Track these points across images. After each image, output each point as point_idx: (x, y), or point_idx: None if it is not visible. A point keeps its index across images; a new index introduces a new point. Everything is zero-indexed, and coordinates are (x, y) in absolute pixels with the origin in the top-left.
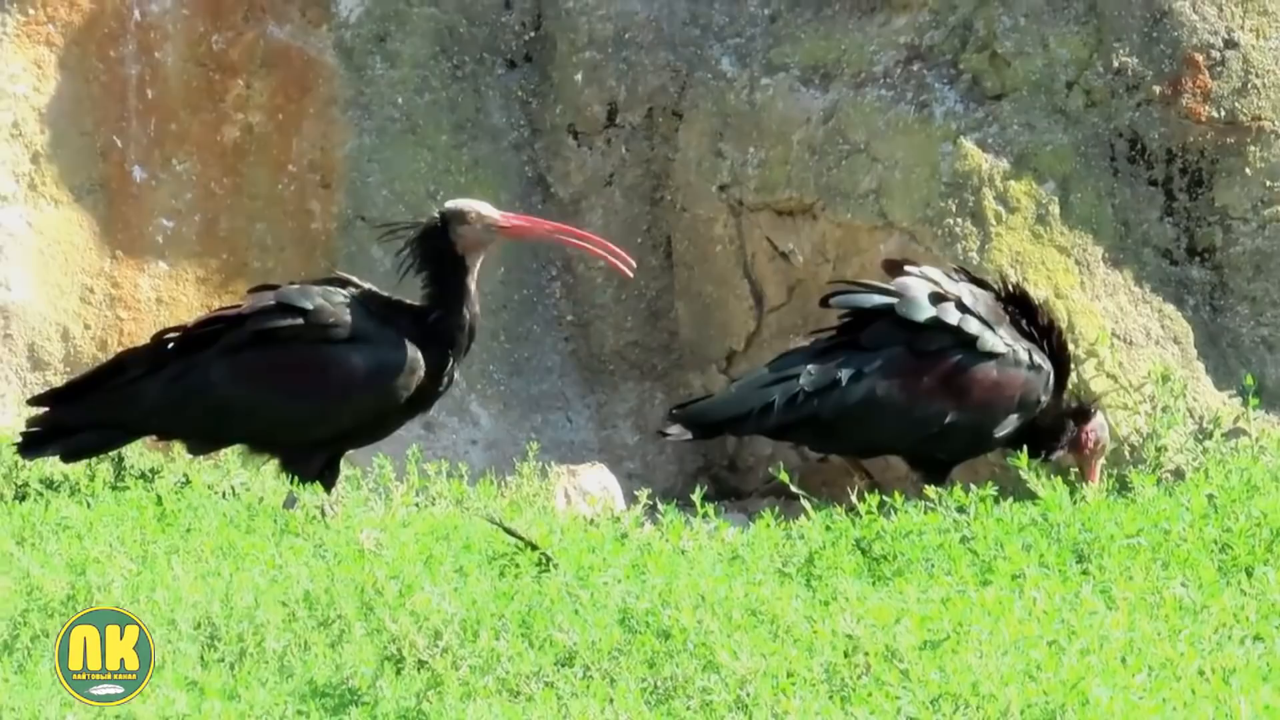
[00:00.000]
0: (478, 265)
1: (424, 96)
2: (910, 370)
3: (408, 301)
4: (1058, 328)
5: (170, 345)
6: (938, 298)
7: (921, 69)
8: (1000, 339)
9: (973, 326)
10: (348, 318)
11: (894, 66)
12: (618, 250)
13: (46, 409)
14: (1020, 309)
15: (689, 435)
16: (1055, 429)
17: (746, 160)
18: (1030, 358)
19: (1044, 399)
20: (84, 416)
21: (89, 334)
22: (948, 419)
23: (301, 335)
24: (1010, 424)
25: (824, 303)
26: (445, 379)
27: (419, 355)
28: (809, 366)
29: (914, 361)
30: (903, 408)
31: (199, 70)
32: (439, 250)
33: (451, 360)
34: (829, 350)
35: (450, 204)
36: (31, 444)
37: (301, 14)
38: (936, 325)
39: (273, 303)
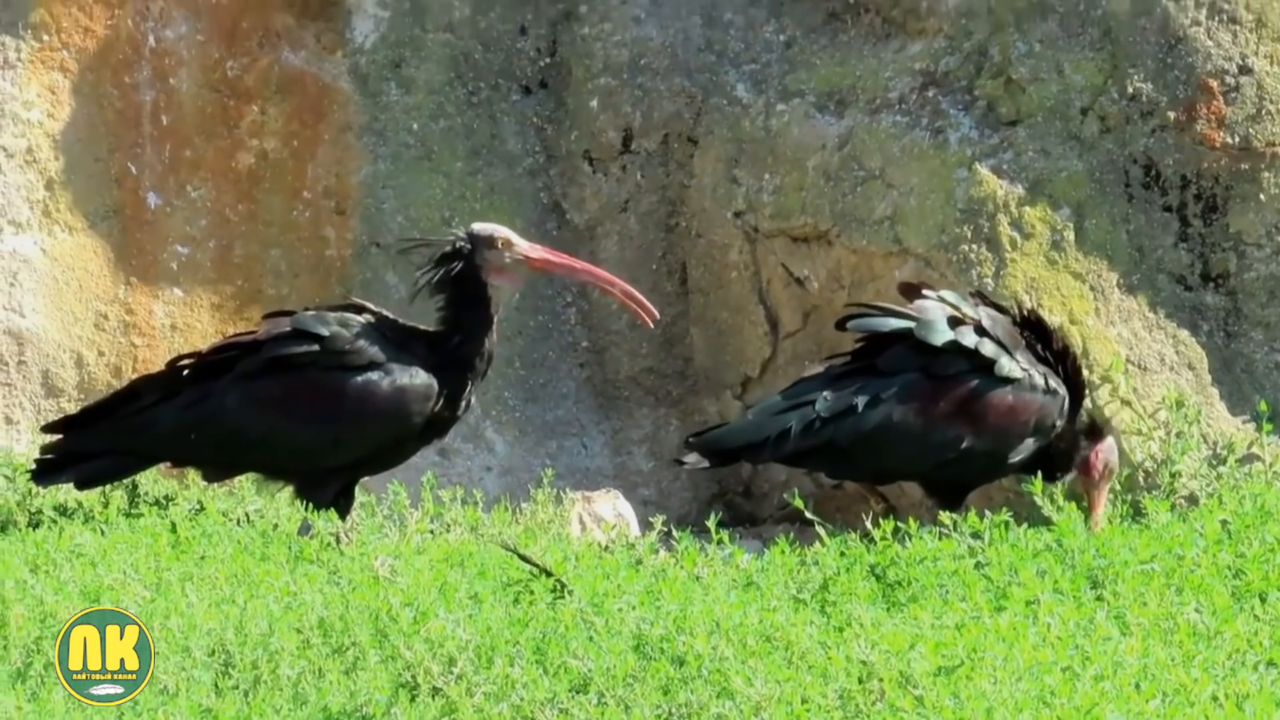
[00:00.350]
0: (501, 295)
1: (439, 122)
2: (926, 396)
3: (424, 327)
4: (1073, 352)
5: (185, 371)
6: (955, 321)
7: (936, 95)
8: (1017, 363)
9: (990, 350)
10: (363, 344)
11: (909, 92)
12: (642, 299)
13: (60, 435)
14: (1035, 333)
15: (705, 464)
16: (1070, 451)
17: (762, 186)
18: (1046, 382)
19: (1059, 424)
20: (98, 443)
21: (103, 361)
22: (964, 444)
23: (317, 362)
24: (1026, 449)
25: (840, 326)
26: (463, 404)
27: (434, 382)
28: (825, 393)
29: (930, 387)
30: (919, 433)
31: (214, 96)
32: (462, 273)
33: (470, 386)
34: (845, 376)
35: (479, 226)
36: (46, 471)
37: (316, 40)
38: (954, 349)
39: (288, 329)
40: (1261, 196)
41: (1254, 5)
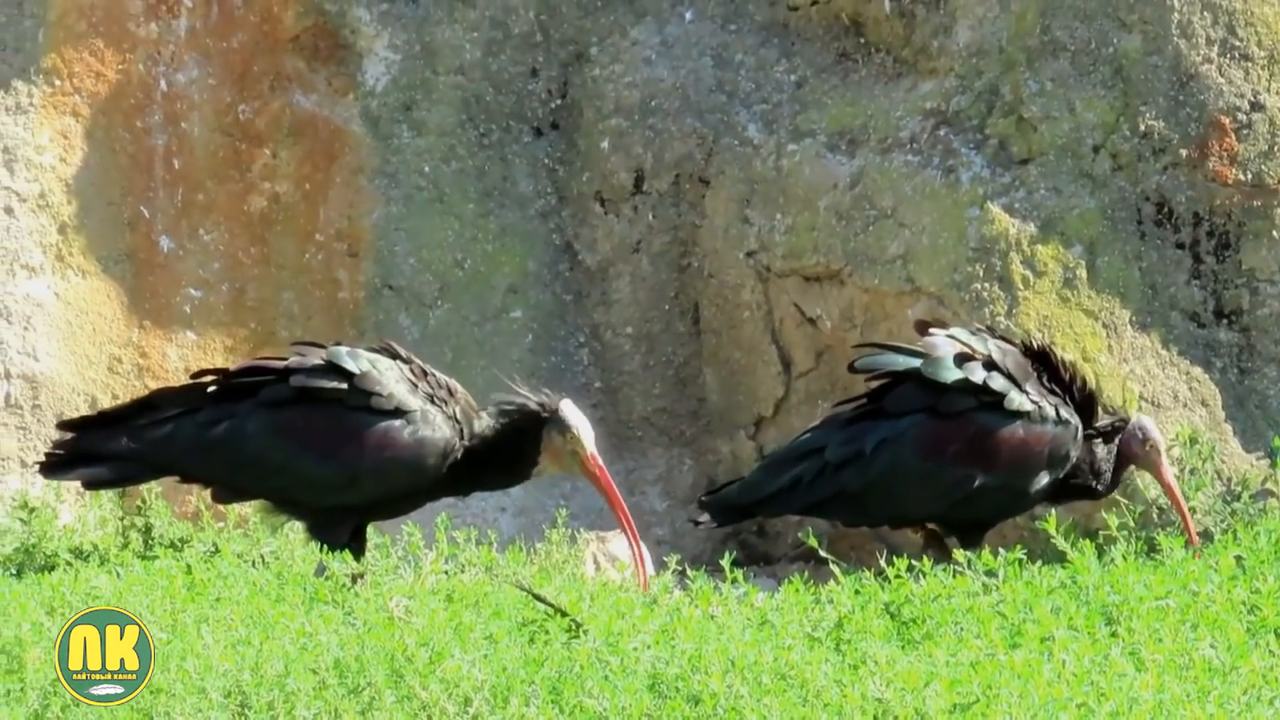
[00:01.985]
0: (543, 467)
1: (451, 165)
2: (935, 436)
3: (464, 393)
4: (1081, 378)
5: (210, 389)
6: (964, 358)
7: (948, 134)
8: (1027, 396)
9: (999, 384)
10: (393, 389)
11: (920, 132)
12: (646, 562)
13: (73, 435)
14: (1043, 364)
15: (715, 524)
16: (1096, 471)
17: (773, 226)
18: (1057, 413)
19: (1073, 453)
20: (112, 447)
21: (116, 404)
22: (976, 482)
23: (344, 399)
24: (1043, 481)
25: (853, 369)
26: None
27: (456, 439)
28: (833, 440)
29: (938, 426)
30: (930, 475)
31: (225, 140)
32: (524, 430)
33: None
34: (853, 420)
35: (565, 409)
36: (55, 466)
37: (328, 83)
38: (962, 386)
39: (320, 362)
40: (1274, 233)
41: (1265, 42)
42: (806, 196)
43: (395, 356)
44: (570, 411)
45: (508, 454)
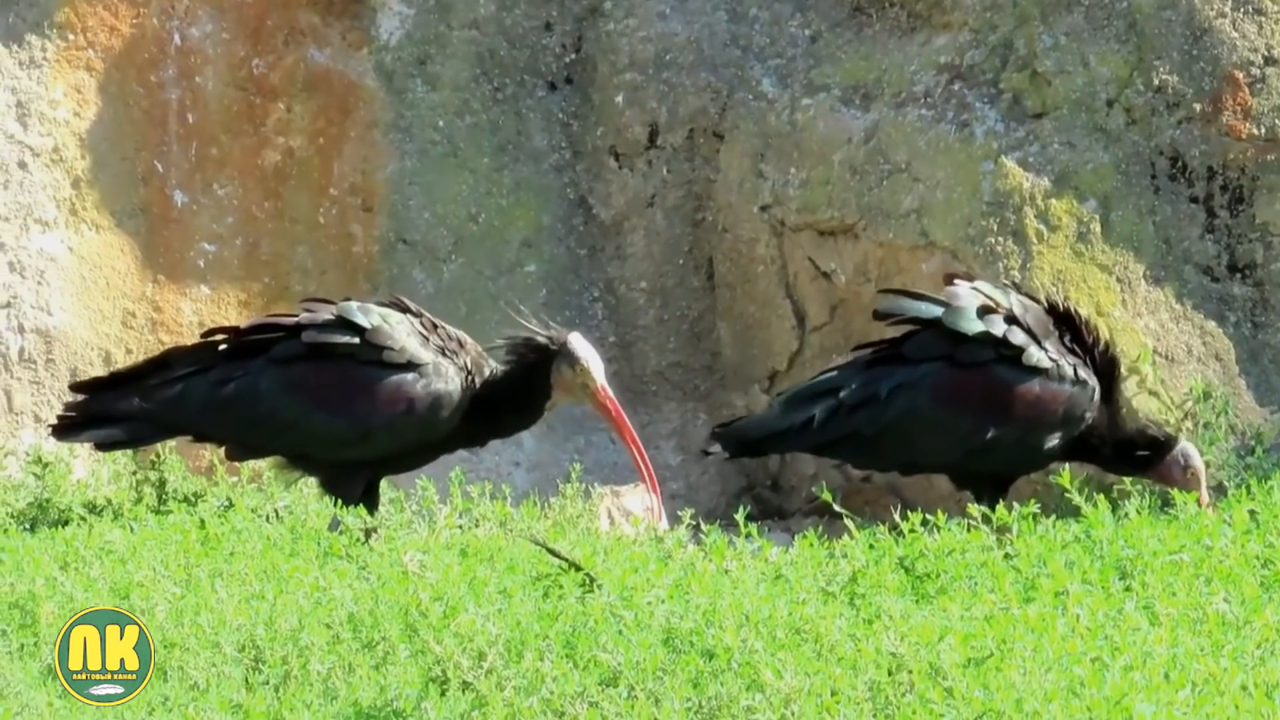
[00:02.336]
0: (556, 402)
1: (465, 119)
2: (952, 384)
3: (475, 344)
4: (1105, 341)
5: (222, 347)
6: (986, 310)
7: (962, 88)
8: (1045, 353)
9: (1019, 339)
10: (405, 343)
11: (935, 86)
12: (653, 480)
13: (86, 396)
14: (1066, 324)
15: (727, 454)
16: (1131, 448)
17: (788, 181)
18: (1075, 373)
19: (1089, 414)
20: (124, 408)
21: (130, 358)
22: (990, 434)
23: (356, 354)
24: (1055, 439)
25: (876, 315)
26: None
27: (469, 391)
28: (850, 382)
29: (956, 375)
30: (944, 422)
31: (239, 94)
32: (534, 367)
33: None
34: (871, 364)
35: (574, 342)
36: (68, 429)
37: (342, 38)
38: (982, 338)
39: (331, 317)
40: None
41: None
42: (821, 151)
43: (406, 311)
44: (579, 344)
45: (520, 392)
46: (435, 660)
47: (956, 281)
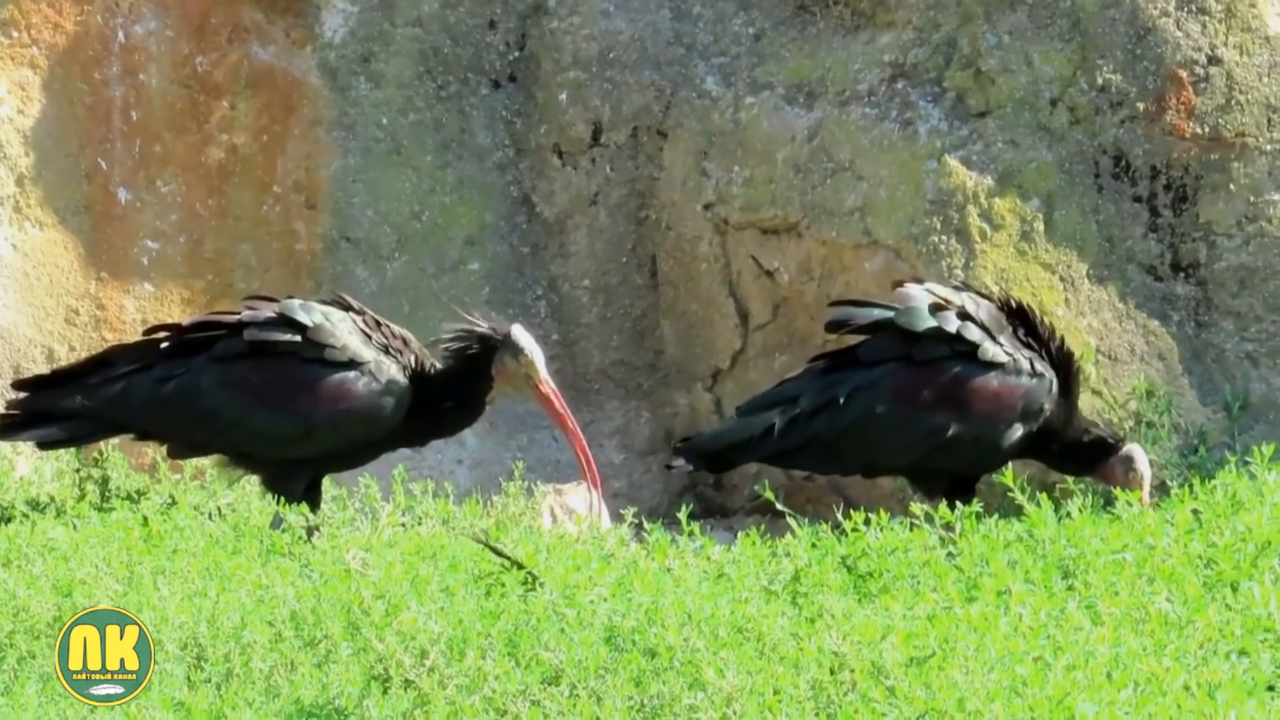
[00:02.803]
0: (497, 393)
1: (408, 117)
2: (909, 384)
3: (416, 342)
4: (1061, 337)
5: (163, 345)
6: (938, 308)
7: (906, 87)
8: (1001, 348)
9: (973, 334)
10: (346, 341)
11: (878, 84)
12: (594, 474)
13: (27, 394)
14: (1020, 320)
15: (691, 468)
16: (1067, 438)
17: (731, 179)
18: (1032, 366)
19: (1048, 407)
20: (67, 406)
21: (74, 356)
22: (950, 432)
23: (298, 352)
24: (1015, 434)
25: (827, 326)
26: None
27: (411, 389)
28: (808, 389)
29: (913, 374)
30: (903, 422)
31: (183, 92)
32: (476, 358)
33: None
34: (829, 370)
35: (516, 333)
36: (10, 427)
37: (286, 35)
38: (935, 335)
39: (273, 314)
40: (1231, 186)
41: None
42: (764, 149)
43: (348, 308)
44: (522, 335)
45: (462, 387)
46: (378, 658)
47: (907, 284)
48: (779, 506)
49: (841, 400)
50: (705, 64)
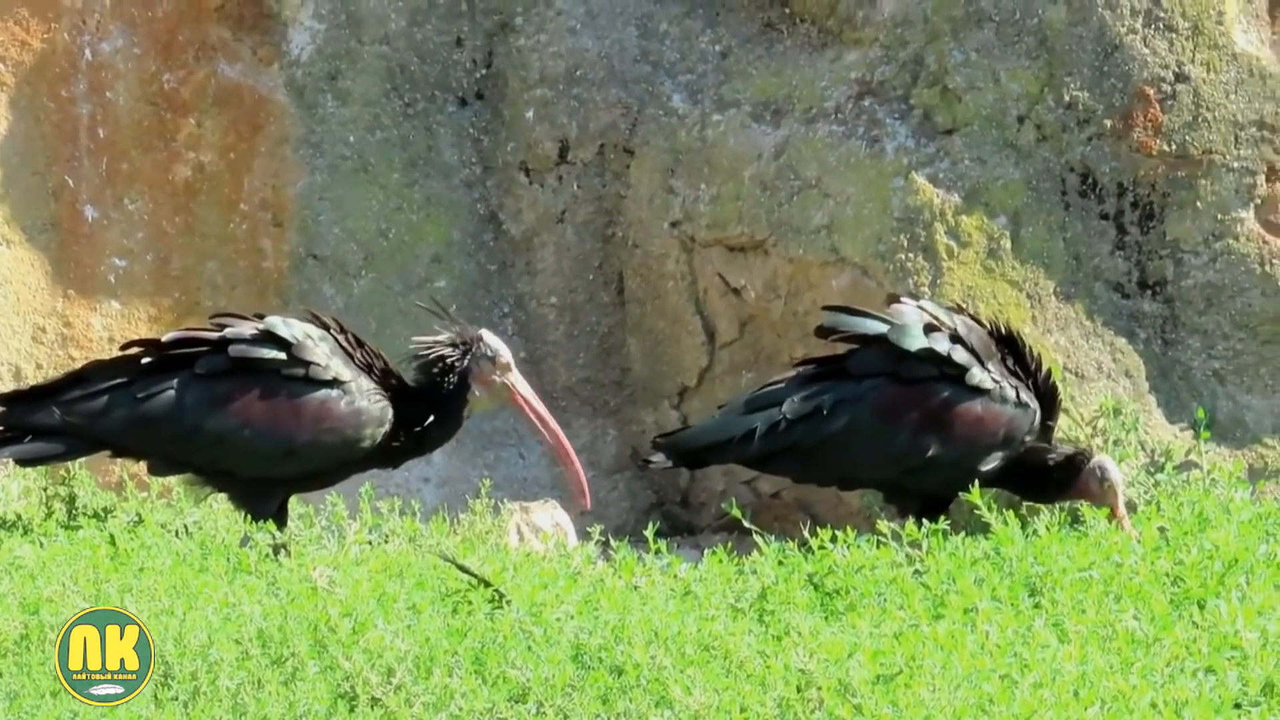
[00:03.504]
0: (473, 403)
1: (375, 134)
2: (893, 400)
3: (394, 364)
4: (1047, 369)
5: (143, 361)
6: (930, 328)
7: (873, 104)
8: (988, 374)
9: (961, 358)
10: (329, 360)
11: (845, 102)
12: (582, 480)
13: (3, 409)
14: (1009, 348)
15: (670, 464)
16: (1048, 471)
17: (698, 196)
18: (1017, 395)
19: (1028, 438)
20: (44, 421)
21: (40, 374)
22: (930, 452)
23: (281, 369)
24: (994, 460)
25: (818, 331)
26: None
27: (390, 411)
28: (793, 395)
29: (898, 392)
30: (884, 438)
31: (150, 109)
32: (452, 367)
33: (417, 457)
34: (814, 378)
35: (490, 337)
36: None
37: (253, 53)
38: (926, 355)
39: (256, 330)
40: (1198, 204)
41: (1190, 13)
42: (731, 166)
43: (326, 326)
44: (492, 339)
45: (440, 402)
46: (344, 676)
47: (903, 299)
48: (746, 524)
49: (825, 410)
50: (672, 81)
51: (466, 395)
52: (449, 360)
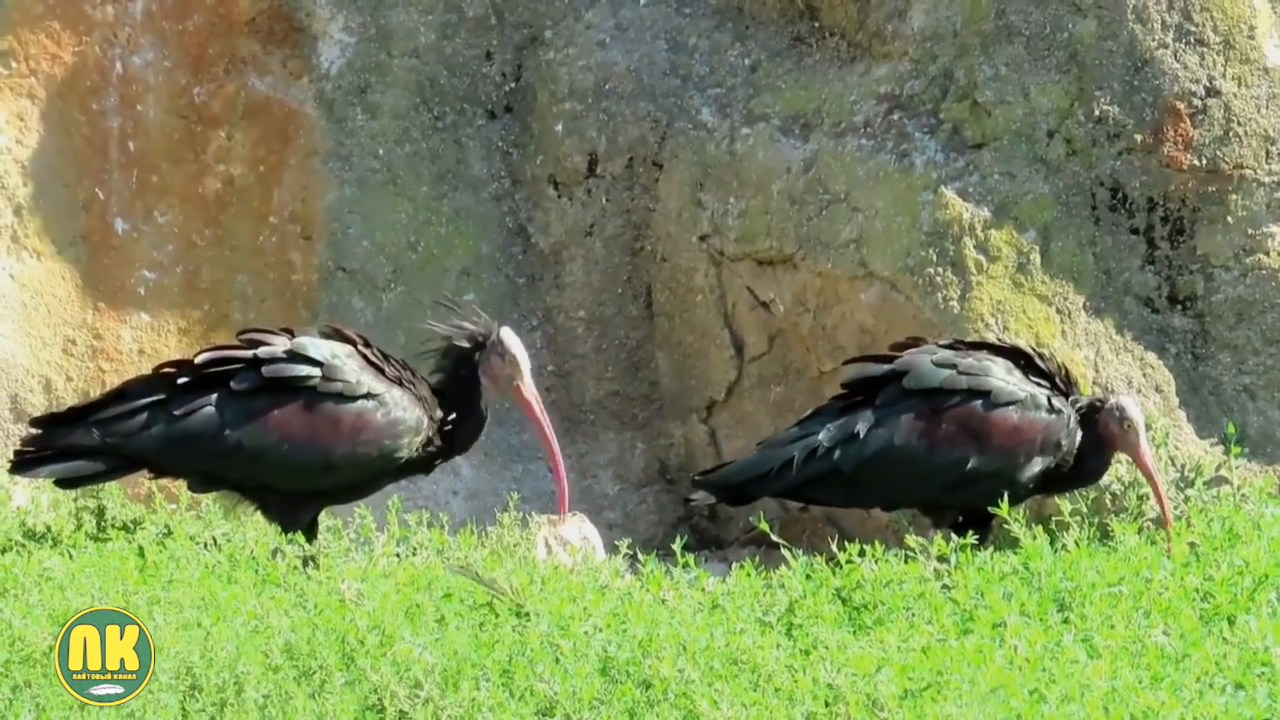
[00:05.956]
0: (487, 395)
1: (404, 148)
2: (929, 418)
3: (421, 373)
4: (1064, 368)
5: (179, 380)
6: (942, 365)
7: (902, 118)
8: (1017, 385)
9: (982, 382)
10: (360, 375)
11: (874, 116)
12: (565, 491)
13: (42, 431)
14: (1026, 361)
15: (712, 500)
16: (1082, 458)
17: (727, 210)
18: (1049, 402)
19: (1065, 442)
20: (83, 441)
21: (71, 386)
22: (969, 465)
23: (316, 386)
24: (1035, 468)
25: (844, 388)
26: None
27: (425, 419)
28: (827, 424)
29: (933, 411)
30: (923, 456)
31: (180, 122)
32: (463, 355)
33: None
34: (849, 407)
35: (508, 335)
36: (25, 464)
37: (282, 66)
38: (949, 386)
39: (286, 350)
40: (1229, 219)
41: (1221, 27)
42: (760, 180)
43: (350, 342)
44: (509, 336)
45: (460, 399)
46: (372, 689)
47: (907, 351)
48: (774, 538)
49: (862, 434)
50: (701, 95)
51: (479, 388)
52: (458, 350)
